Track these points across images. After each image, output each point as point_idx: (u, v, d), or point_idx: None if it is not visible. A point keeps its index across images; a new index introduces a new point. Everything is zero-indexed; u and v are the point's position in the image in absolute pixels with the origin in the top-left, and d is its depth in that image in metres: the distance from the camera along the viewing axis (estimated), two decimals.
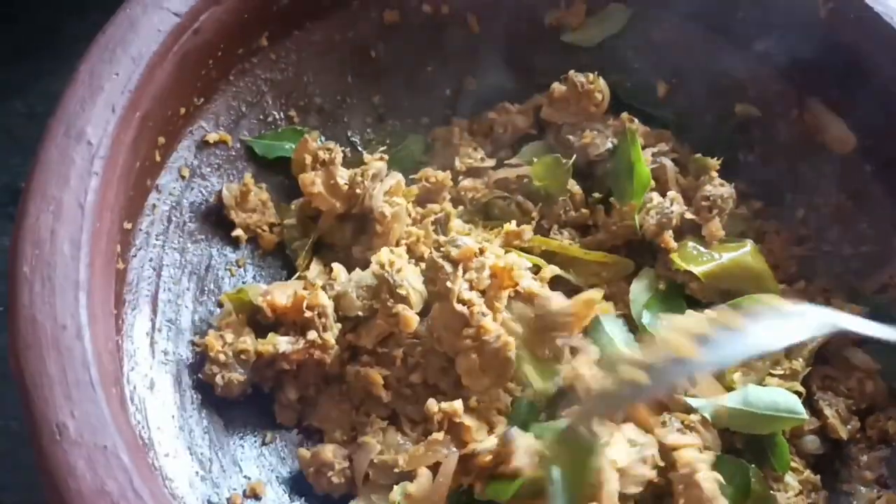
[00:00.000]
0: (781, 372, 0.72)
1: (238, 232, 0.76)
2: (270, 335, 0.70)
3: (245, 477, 0.68)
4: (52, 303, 0.56)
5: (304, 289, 0.71)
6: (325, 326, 0.69)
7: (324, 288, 0.71)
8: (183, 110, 0.74)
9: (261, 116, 0.80)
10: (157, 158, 0.72)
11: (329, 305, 0.70)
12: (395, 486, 0.64)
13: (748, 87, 0.83)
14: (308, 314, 0.69)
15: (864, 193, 0.79)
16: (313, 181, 0.76)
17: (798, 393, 0.71)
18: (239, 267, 0.77)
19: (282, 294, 0.71)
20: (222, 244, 0.77)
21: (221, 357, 0.68)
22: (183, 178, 0.75)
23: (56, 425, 0.52)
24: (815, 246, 0.81)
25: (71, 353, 0.55)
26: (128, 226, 0.69)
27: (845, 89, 0.78)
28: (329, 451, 0.67)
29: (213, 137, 0.77)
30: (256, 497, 0.67)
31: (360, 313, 0.70)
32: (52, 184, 0.60)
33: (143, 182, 0.71)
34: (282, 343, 0.69)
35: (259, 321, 0.72)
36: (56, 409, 0.53)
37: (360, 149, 0.84)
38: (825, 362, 0.75)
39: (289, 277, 0.77)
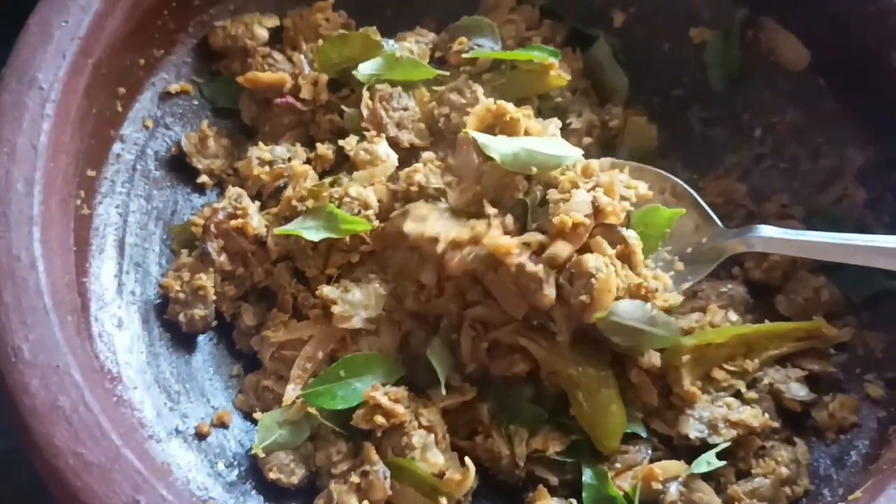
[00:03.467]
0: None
1: (203, 178, 0.78)
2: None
3: (212, 407, 0.71)
4: (7, 237, 0.59)
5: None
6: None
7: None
8: (142, 61, 0.76)
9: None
10: (119, 108, 0.75)
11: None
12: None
13: (702, 10, 0.83)
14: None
15: (818, 109, 0.79)
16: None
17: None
18: None
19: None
20: (188, 191, 0.79)
21: (181, 296, 0.71)
22: (147, 128, 0.77)
23: (11, 348, 0.55)
24: (773, 164, 0.81)
25: (25, 283, 0.57)
26: (92, 173, 0.71)
27: (798, 7, 0.79)
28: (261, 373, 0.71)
29: (174, 88, 0.79)
30: (224, 425, 0.70)
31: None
32: (7, 128, 0.62)
33: (106, 131, 0.74)
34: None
35: None
36: (12, 334, 0.56)
37: None
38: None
39: None
